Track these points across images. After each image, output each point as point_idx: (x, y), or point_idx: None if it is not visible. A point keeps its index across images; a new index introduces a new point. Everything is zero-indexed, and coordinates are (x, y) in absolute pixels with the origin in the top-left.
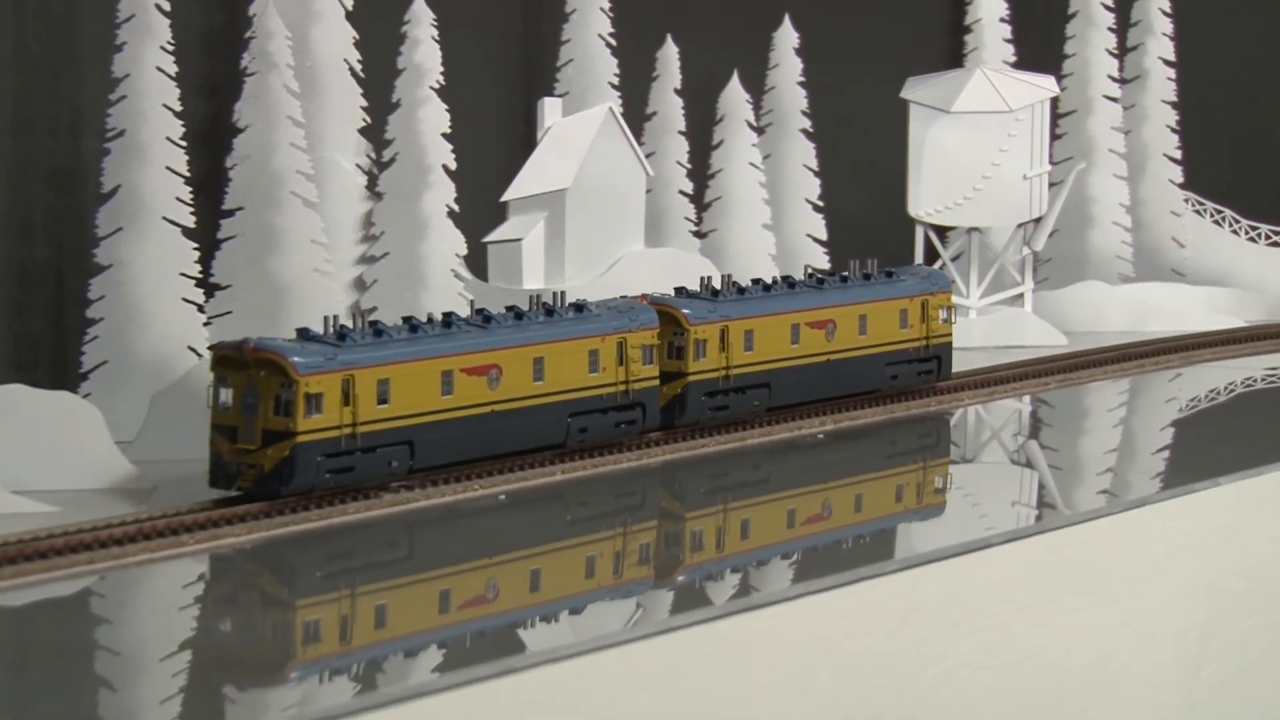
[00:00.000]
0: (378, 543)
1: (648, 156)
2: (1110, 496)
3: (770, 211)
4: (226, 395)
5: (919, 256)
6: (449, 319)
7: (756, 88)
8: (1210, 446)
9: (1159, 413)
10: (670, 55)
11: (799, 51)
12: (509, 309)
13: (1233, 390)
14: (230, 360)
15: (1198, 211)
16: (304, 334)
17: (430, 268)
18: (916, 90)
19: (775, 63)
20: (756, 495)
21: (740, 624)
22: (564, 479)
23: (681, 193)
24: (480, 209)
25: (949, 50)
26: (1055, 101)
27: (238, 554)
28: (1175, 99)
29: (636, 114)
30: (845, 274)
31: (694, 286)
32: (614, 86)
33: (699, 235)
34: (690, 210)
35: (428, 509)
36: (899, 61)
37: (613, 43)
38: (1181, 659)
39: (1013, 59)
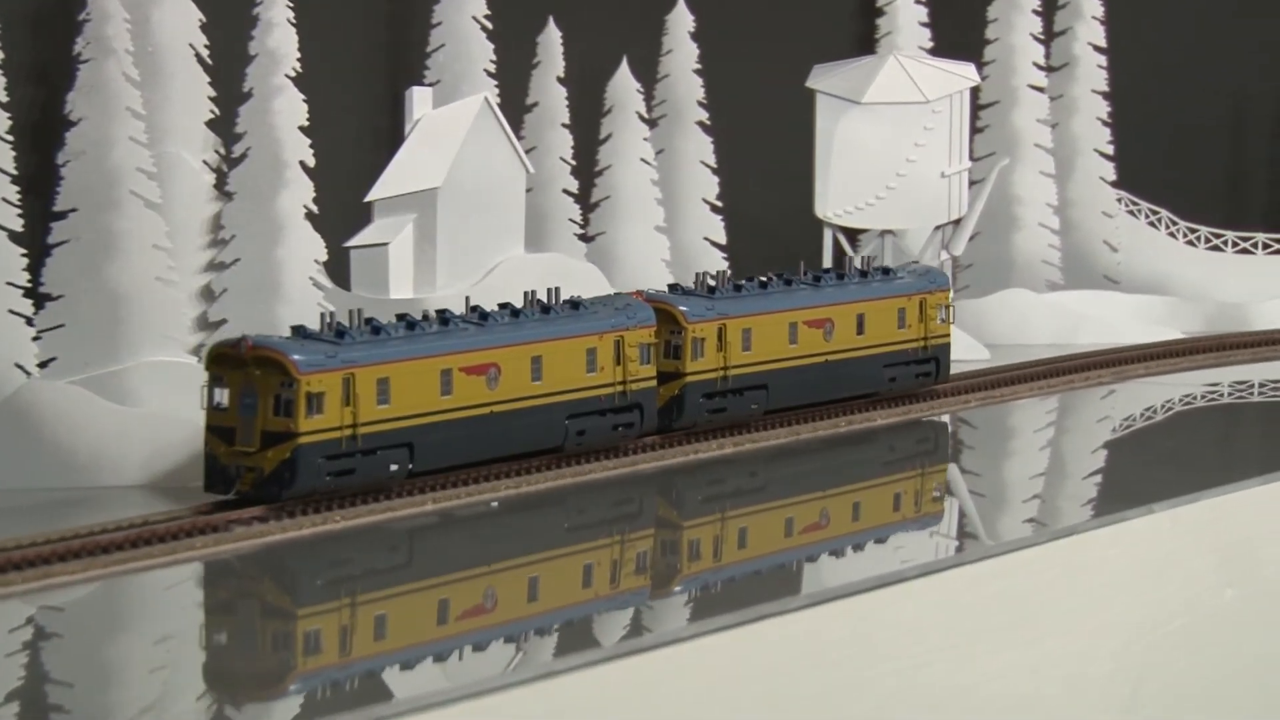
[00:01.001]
0: (378, 549)
1: (528, 152)
2: (1037, 525)
3: (664, 212)
4: (222, 395)
5: (827, 261)
6: (445, 316)
7: (648, 76)
8: (1145, 470)
9: (1090, 433)
10: (553, 40)
11: (695, 36)
12: (502, 306)
13: (1170, 409)
14: (227, 358)
15: (1132, 212)
16: (300, 331)
17: (286, 275)
18: (824, 79)
19: (669, 48)
20: (754, 503)
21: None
22: (562, 484)
23: (566, 192)
24: (342, 210)
25: (860, 35)
26: (976, 91)
27: (238, 560)
28: (1107, 89)
29: (515, 105)
30: (841, 270)
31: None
32: (490, 74)
33: (585, 239)
34: (575, 211)
35: (427, 514)
36: (805, 47)
37: (489, 26)
38: (1113, 702)
39: (929, 45)
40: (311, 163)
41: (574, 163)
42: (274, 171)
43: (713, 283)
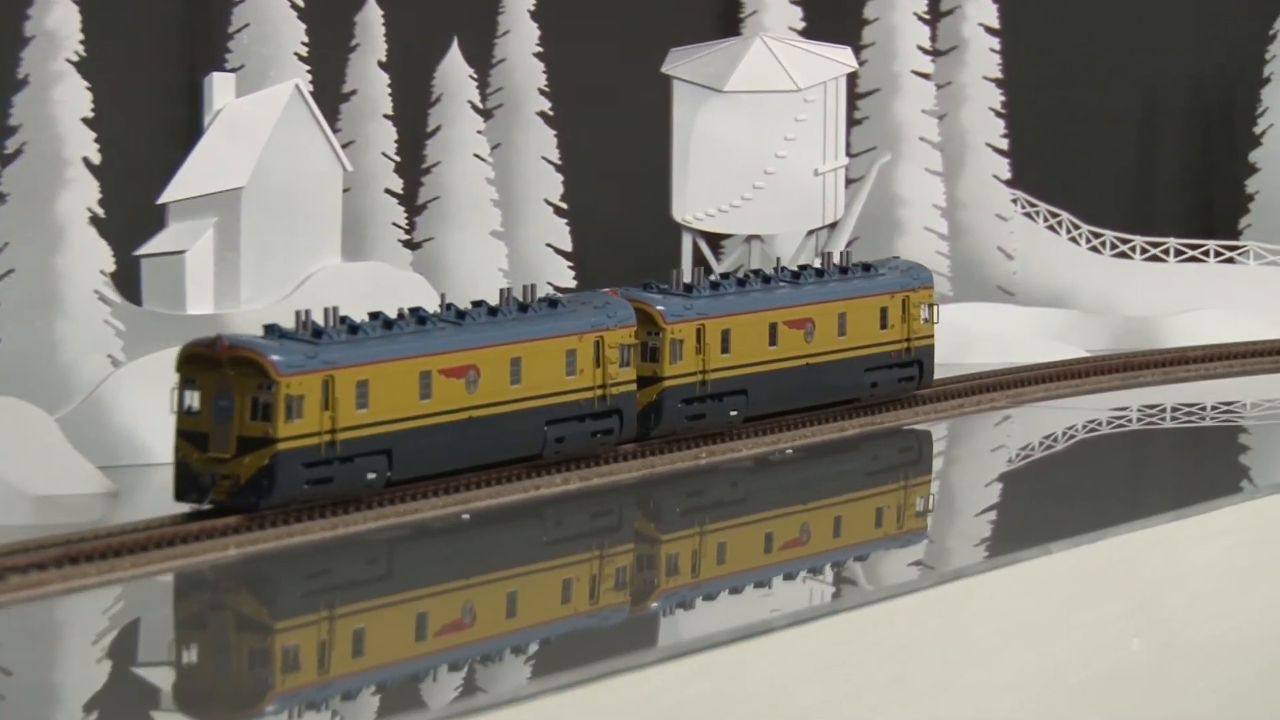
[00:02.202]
0: (357, 561)
1: (345, 146)
2: (922, 568)
3: (500, 215)
4: (193, 398)
5: (686, 269)
6: (421, 314)
7: (482, 60)
8: (1044, 506)
9: (982, 465)
10: (373, 19)
11: (535, 15)
12: (476, 304)
13: (1072, 437)
14: (200, 359)
15: (1029, 215)
16: (274, 330)
17: (68, 288)
18: (682, 64)
19: (505, 29)
20: (734, 516)
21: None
22: (540, 495)
23: (388, 192)
24: (131, 214)
25: (722, 15)
26: (853, 78)
27: (213, 573)
28: (1000, 75)
29: (330, 93)
30: (820, 267)
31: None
32: (302, 58)
33: (410, 245)
34: (399, 214)
35: (406, 525)
36: (661, 28)
37: (300, 3)
38: None
39: (801, 25)
40: (96, 160)
41: (398, 159)
42: (53, 170)
43: (688, 280)
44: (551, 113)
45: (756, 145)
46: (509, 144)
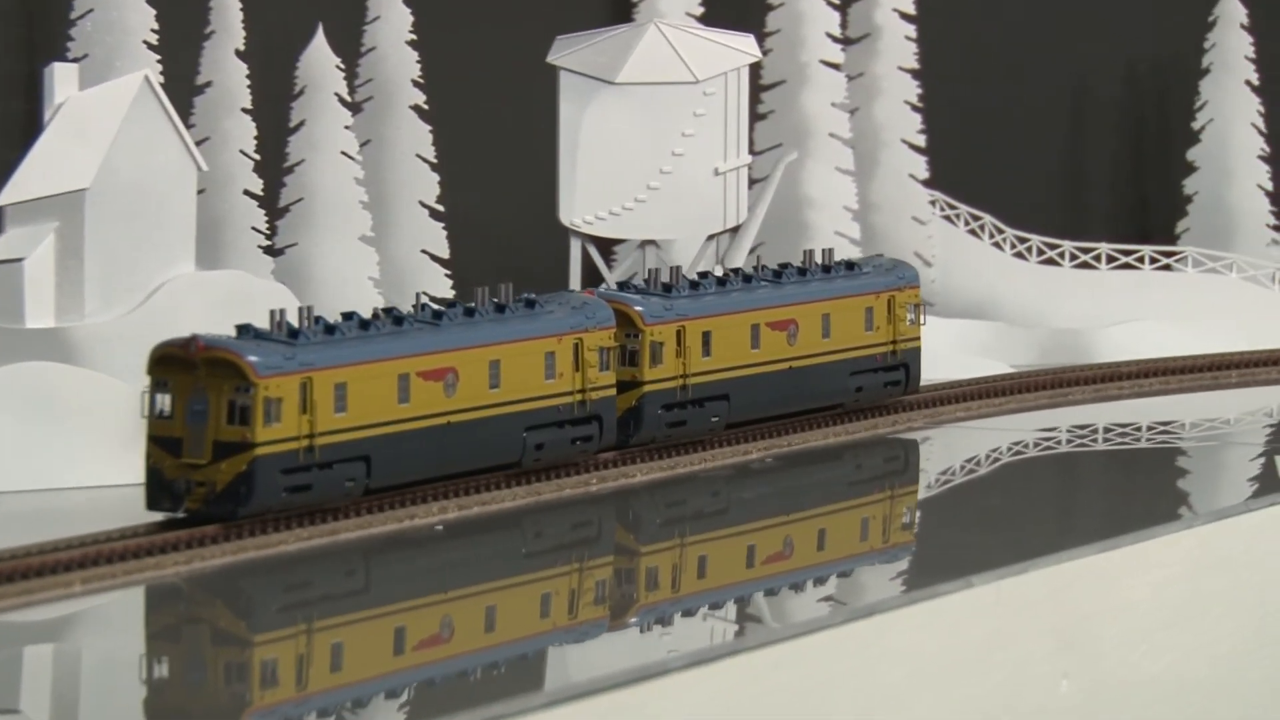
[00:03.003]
0: (334, 573)
1: (200, 144)
2: (834, 604)
3: (371, 219)
4: (165, 401)
5: (575, 277)
6: (397, 314)
7: (350, 49)
8: (965, 535)
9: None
10: (229, 4)
11: (408, 0)
12: (448, 304)
13: (996, 460)
14: (173, 360)
15: (948, 218)
16: (248, 330)
17: None
18: (569, 53)
19: (375, 14)
20: (715, 528)
21: None
22: (518, 505)
23: (248, 193)
24: None
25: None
26: (757, 69)
27: (187, 584)
28: (916, 65)
29: (184, 85)
30: (802, 265)
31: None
32: (151, 47)
33: (272, 252)
34: (260, 218)
35: (384, 535)
36: (548, 14)
37: None
38: None
39: (699, 11)
40: None
41: (257, 157)
42: None
43: (666, 280)
44: (426, 106)
45: (651, 142)
46: (380, 141)
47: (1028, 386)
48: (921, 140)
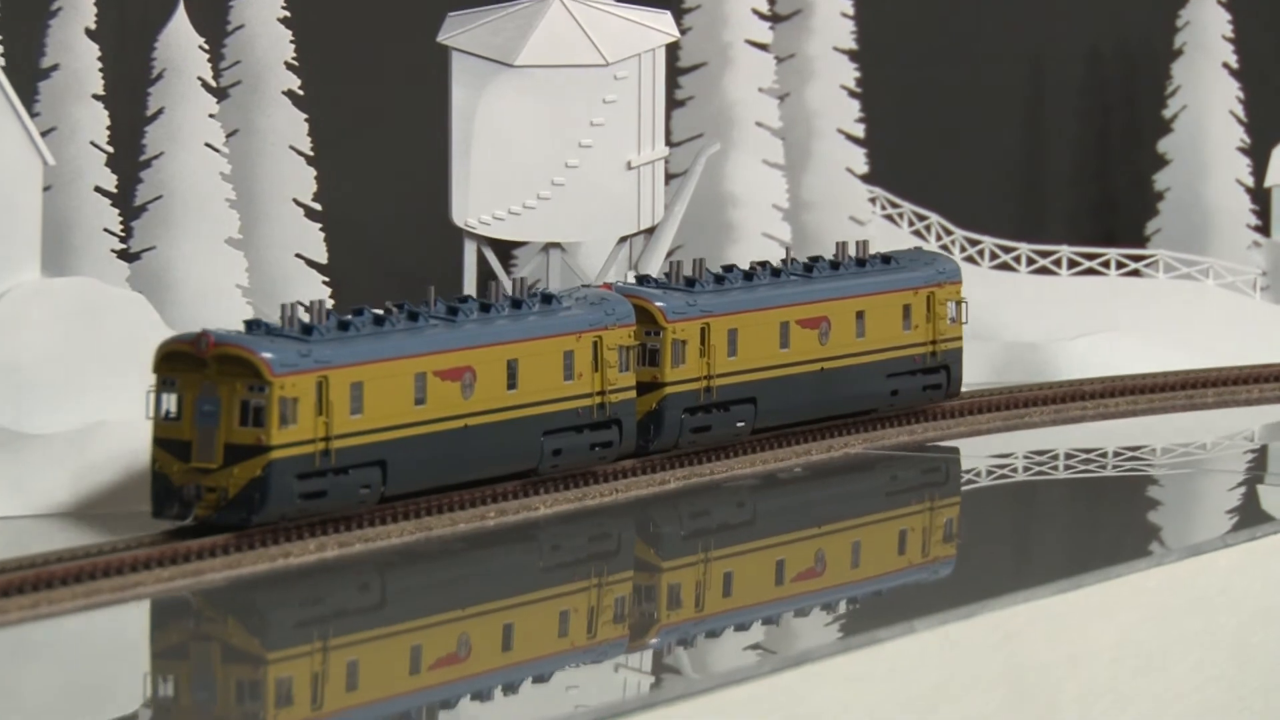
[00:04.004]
0: (349, 587)
1: (45, 134)
2: (761, 652)
3: (239, 219)
4: (172, 401)
5: (469, 283)
6: (411, 310)
7: (215, 28)
8: (908, 573)
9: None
10: None
11: None
12: (463, 300)
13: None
14: (181, 358)
15: (889, 217)
16: (258, 326)
17: None
18: (463, 33)
19: None
20: (741, 541)
21: None
22: (537, 515)
23: (99, 190)
24: None
25: None
26: (674, 50)
27: (196, 599)
28: (854, 46)
29: (26, 69)
30: (834, 258)
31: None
32: None
33: (127, 256)
34: (113, 218)
35: (401, 546)
36: None
37: None
38: None
39: None
40: None
41: (110, 149)
42: None
43: (689, 273)
44: (301, 92)
45: (555, 133)
46: (249, 130)
47: (978, 407)
48: (860, 130)
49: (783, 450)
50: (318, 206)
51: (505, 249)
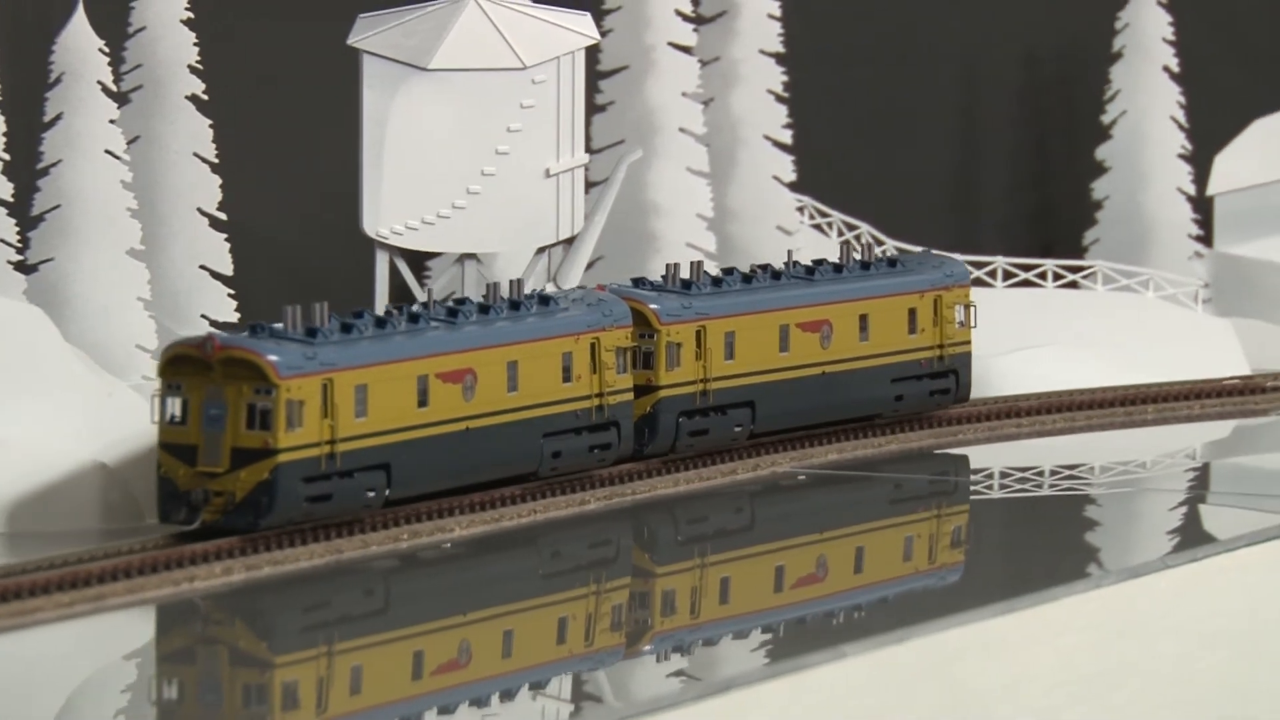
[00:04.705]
0: (354, 591)
1: None
2: (685, 679)
3: (140, 229)
4: (177, 405)
5: (381, 294)
6: (410, 311)
7: (116, 29)
8: (836, 598)
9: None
10: None
11: None
12: (459, 301)
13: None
14: (186, 361)
15: (818, 227)
16: (262, 329)
17: None
18: (374, 35)
19: None
20: (738, 547)
21: None
22: (531, 520)
23: None
24: None
25: None
26: (595, 53)
27: (204, 601)
28: (781, 49)
29: None
30: (838, 261)
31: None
32: None
33: (23, 268)
34: (9, 228)
35: (403, 551)
36: None
37: None
38: None
39: None
40: None
41: (6, 157)
42: None
43: (686, 275)
44: (205, 97)
45: (471, 139)
46: (151, 137)
47: (912, 424)
48: (787, 136)
49: (708, 469)
50: (223, 216)
51: (419, 260)
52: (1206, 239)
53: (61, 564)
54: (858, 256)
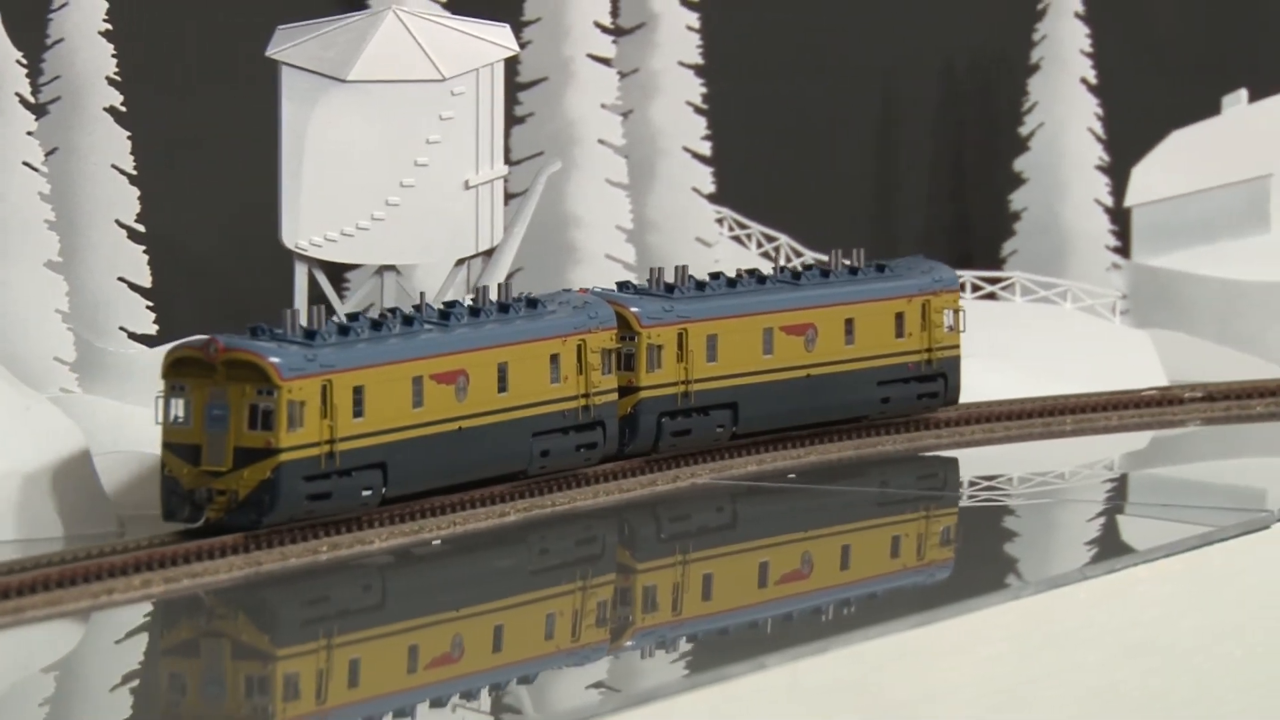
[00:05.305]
0: (352, 587)
1: None
2: (604, 691)
3: (58, 241)
4: (180, 407)
5: (300, 306)
6: (403, 314)
7: (33, 40)
8: (758, 609)
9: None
10: None
11: None
12: (448, 304)
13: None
14: (190, 363)
15: (737, 238)
16: (262, 331)
17: None
18: (293, 46)
19: (61, 0)
20: (723, 544)
21: None
22: (518, 519)
23: None
24: None
25: None
26: (514, 64)
27: (208, 596)
28: (700, 60)
29: None
30: (825, 267)
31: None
32: None
33: None
34: None
35: (397, 548)
36: None
37: None
38: None
39: None
40: None
41: None
42: None
43: (670, 280)
44: (124, 108)
45: (390, 151)
46: (69, 149)
47: (829, 436)
48: (706, 148)
49: (628, 480)
50: (141, 228)
51: (338, 271)
52: (1124, 250)
53: (73, 559)
54: (847, 262)
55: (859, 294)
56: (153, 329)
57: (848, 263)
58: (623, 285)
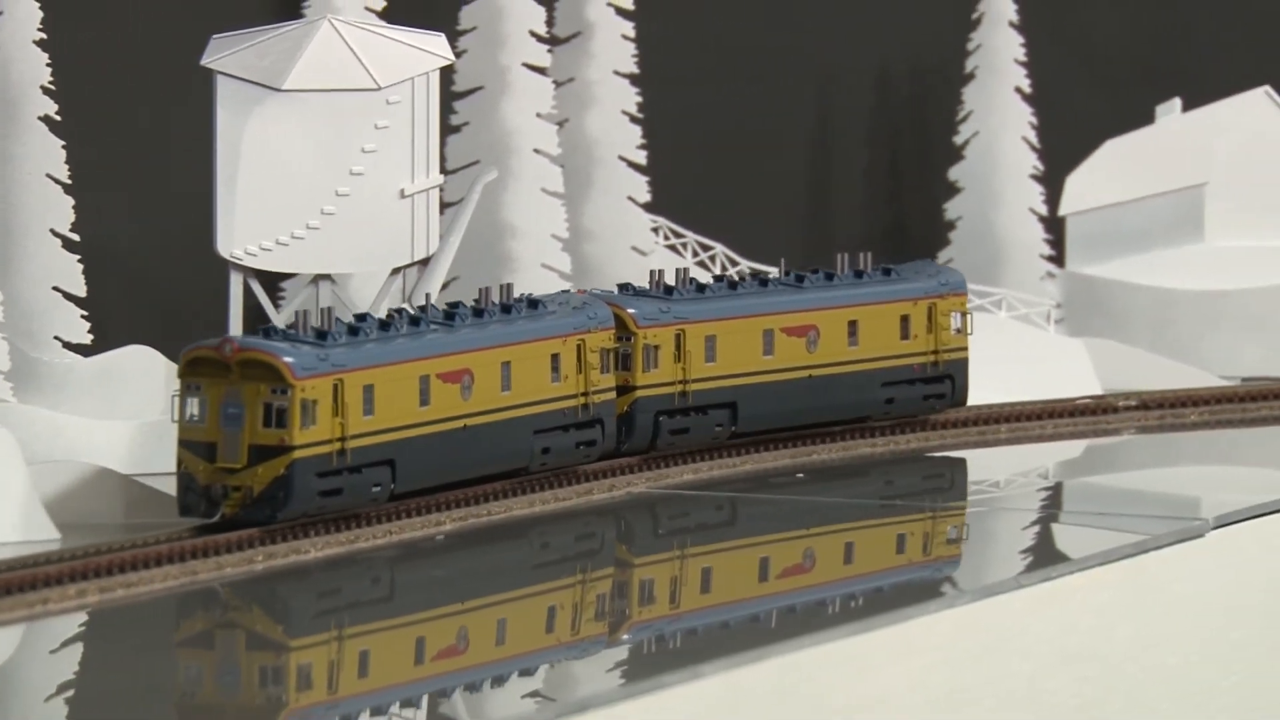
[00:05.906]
0: (362, 580)
1: None
2: (539, 700)
3: None
4: (196, 405)
5: (235, 315)
6: (409, 314)
7: None
8: (690, 617)
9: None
10: None
11: None
12: (451, 305)
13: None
14: (205, 363)
15: (673, 247)
16: (275, 331)
17: None
18: (228, 55)
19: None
20: (722, 540)
21: None
22: (521, 514)
23: None
24: None
25: None
26: (449, 73)
27: (224, 588)
28: (635, 69)
29: None
30: (830, 270)
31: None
32: None
33: None
34: None
35: (408, 542)
36: (202, 8)
37: None
38: None
39: (381, 4)
40: None
41: None
42: None
43: (670, 282)
44: (59, 117)
45: (325, 160)
46: (3, 158)
47: (762, 444)
48: (642, 157)
49: (564, 489)
50: (75, 237)
51: (273, 281)
52: (1058, 259)
53: (95, 553)
54: (852, 265)
55: (863, 296)
56: (88, 338)
57: (853, 267)
58: (623, 287)
